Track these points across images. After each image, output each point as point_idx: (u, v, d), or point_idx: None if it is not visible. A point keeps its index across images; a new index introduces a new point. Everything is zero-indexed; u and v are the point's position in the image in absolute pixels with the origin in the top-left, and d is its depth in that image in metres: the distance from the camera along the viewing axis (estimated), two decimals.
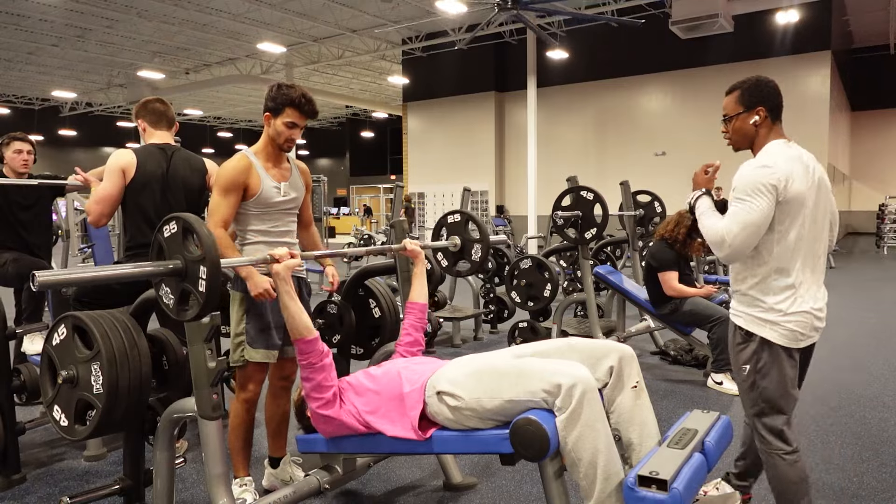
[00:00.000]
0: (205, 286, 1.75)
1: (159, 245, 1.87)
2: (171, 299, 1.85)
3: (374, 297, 3.11)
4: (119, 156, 2.88)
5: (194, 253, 1.78)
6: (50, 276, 1.61)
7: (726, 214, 2.03)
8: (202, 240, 1.76)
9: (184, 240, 1.81)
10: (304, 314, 2.12)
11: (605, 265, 5.17)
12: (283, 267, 2.09)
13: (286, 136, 2.42)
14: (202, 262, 1.75)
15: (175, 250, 1.82)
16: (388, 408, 2.05)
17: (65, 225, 5.60)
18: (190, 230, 1.80)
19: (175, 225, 1.83)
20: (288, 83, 2.45)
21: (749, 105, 2.08)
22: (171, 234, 1.84)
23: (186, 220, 1.80)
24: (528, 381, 1.83)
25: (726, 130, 2.15)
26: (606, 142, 16.55)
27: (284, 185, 2.48)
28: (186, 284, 1.80)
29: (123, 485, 2.26)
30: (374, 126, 32.47)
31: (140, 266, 1.82)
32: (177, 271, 1.80)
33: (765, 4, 13.19)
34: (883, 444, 3.19)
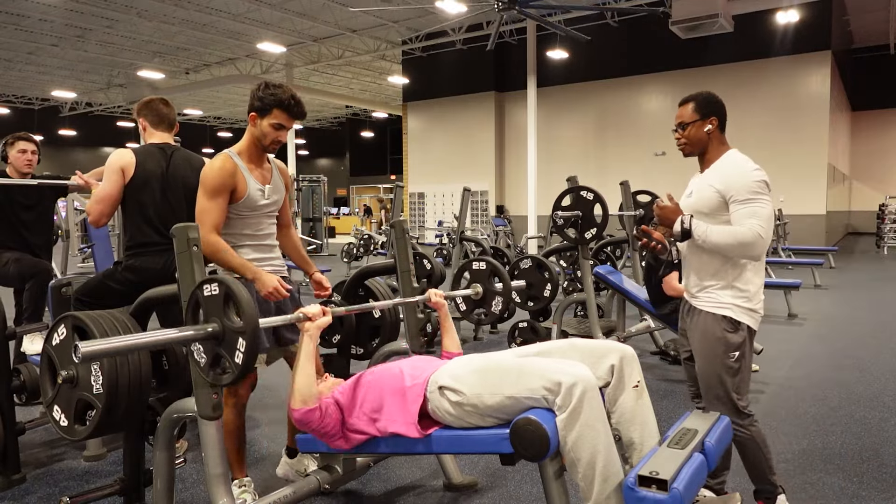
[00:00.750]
0: (242, 359, 1.73)
1: (196, 302, 1.85)
2: (202, 358, 1.84)
3: (374, 297, 3.11)
4: (118, 155, 2.88)
5: (235, 322, 1.76)
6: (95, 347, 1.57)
7: (741, 217, 2.15)
8: (244, 311, 1.73)
9: (224, 305, 1.78)
10: (314, 380, 2.07)
11: (605, 265, 5.17)
12: (314, 326, 2.06)
13: (272, 137, 2.37)
14: (242, 334, 1.73)
15: (213, 313, 1.80)
16: (390, 403, 2.05)
17: (65, 225, 5.60)
18: (232, 297, 1.77)
19: (217, 288, 1.80)
20: (276, 83, 2.38)
21: (704, 115, 2.28)
22: (211, 295, 1.81)
23: (230, 287, 1.77)
24: (530, 378, 1.83)
25: (680, 137, 2.33)
26: (606, 142, 16.55)
27: (268, 188, 2.44)
28: (222, 350, 1.79)
29: (123, 485, 2.26)
30: (374, 126, 32.47)
31: (182, 330, 1.78)
32: (214, 336, 1.79)
33: (765, 4, 13.19)
34: (883, 444, 3.19)
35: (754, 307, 2.26)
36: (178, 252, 2.03)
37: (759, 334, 5.57)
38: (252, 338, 1.73)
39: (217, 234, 2.31)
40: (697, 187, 2.33)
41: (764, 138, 14.36)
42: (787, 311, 6.76)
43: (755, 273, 2.26)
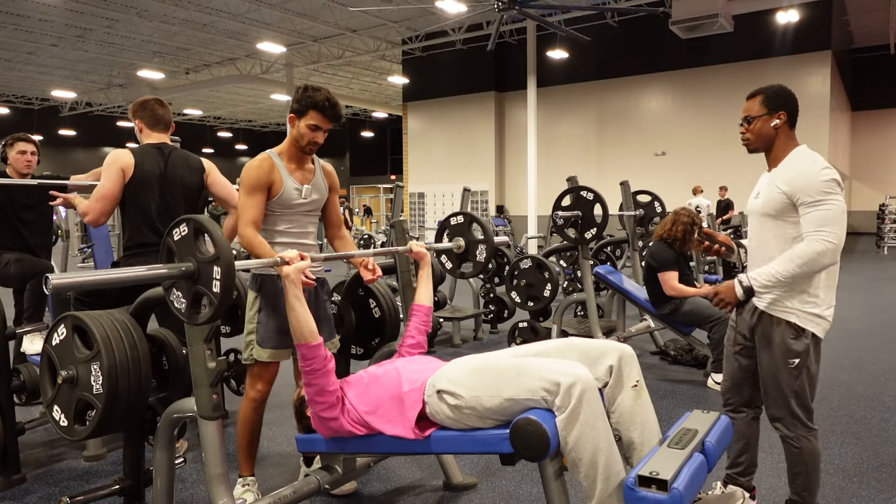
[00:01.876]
0: (219, 286, 1.72)
1: (168, 248, 1.85)
2: (182, 303, 1.83)
3: (374, 297, 3.11)
4: (117, 155, 2.88)
5: (206, 254, 1.76)
6: (63, 279, 1.59)
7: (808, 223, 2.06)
8: (215, 240, 1.74)
9: (195, 241, 1.79)
10: (310, 319, 2.10)
11: (605, 265, 5.17)
12: (293, 269, 2.08)
13: (309, 138, 2.43)
14: (216, 262, 1.73)
15: (186, 253, 1.80)
16: (387, 407, 2.05)
17: (65, 225, 5.60)
18: (201, 230, 1.78)
19: (186, 227, 1.81)
20: (315, 86, 2.43)
21: (772, 108, 2.16)
22: (181, 236, 1.82)
23: (198, 221, 1.78)
24: (528, 379, 1.83)
25: (746, 131, 2.22)
26: (606, 142, 16.55)
27: (306, 188, 2.49)
28: (199, 287, 1.78)
29: (123, 485, 2.26)
30: (374, 126, 32.47)
31: (153, 268, 1.79)
32: (189, 274, 1.78)
33: (765, 4, 13.20)
34: (883, 444, 3.19)
35: (822, 313, 2.17)
36: None
37: None
38: (227, 264, 1.72)
39: (254, 229, 2.37)
40: (765, 188, 2.22)
41: None
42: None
43: (829, 277, 2.15)
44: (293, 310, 2.08)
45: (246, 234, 2.35)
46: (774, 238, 2.17)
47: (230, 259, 1.74)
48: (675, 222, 4.40)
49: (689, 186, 12.96)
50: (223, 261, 1.72)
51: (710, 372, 4.23)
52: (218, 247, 1.73)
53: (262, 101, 25.98)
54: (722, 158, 14.76)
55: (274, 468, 3.00)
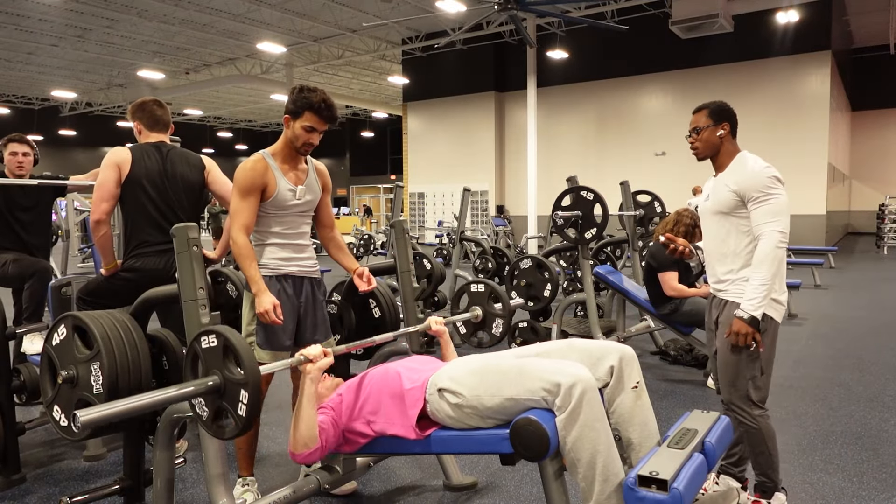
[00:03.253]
0: (245, 411, 1.70)
1: (195, 354, 1.82)
2: (204, 412, 1.81)
3: (374, 297, 3.11)
4: (114, 152, 2.90)
5: (235, 375, 1.73)
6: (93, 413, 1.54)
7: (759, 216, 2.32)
8: (244, 363, 1.71)
9: (224, 357, 1.76)
10: (315, 423, 2.03)
11: (605, 265, 5.17)
12: (315, 368, 2.02)
13: (304, 139, 2.40)
14: (244, 386, 1.70)
15: (213, 365, 1.78)
16: (388, 406, 2.05)
17: (65, 225, 5.60)
18: (230, 348, 1.74)
19: (215, 340, 1.77)
20: (311, 87, 2.41)
21: (717, 121, 2.47)
22: (209, 346, 1.79)
23: (227, 338, 1.74)
24: (529, 379, 1.83)
25: (694, 141, 2.50)
26: (606, 142, 16.55)
27: (300, 189, 2.46)
28: (224, 403, 1.76)
29: (123, 485, 2.26)
30: (374, 126, 32.48)
31: (183, 387, 1.74)
32: (215, 389, 1.75)
33: (765, 4, 13.19)
34: (883, 444, 3.19)
35: (779, 298, 2.33)
36: (178, 252, 2.03)
37: None
38: (255, 391, 1.70)
39: (246, 235, 2.34)
40: (713, 189, 2.49)
41: (764, 138, 14.35)
42: (787, 311, 6.76)
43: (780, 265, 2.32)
44: (303, 410, 2.01)
45: (239, 241, 2.31)
46: (728, 232, 2.41)
47: (258, 383, 1.70)
48: (678, 223, 4.40)
49: (689, 186, 12.96)
50: (251, 387, 1.69)
51: (710, 372, 4.23)
52: (247, 371, 1.70)
53: (262, 101, 25.99)
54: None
55: (274, 468, 3.00)
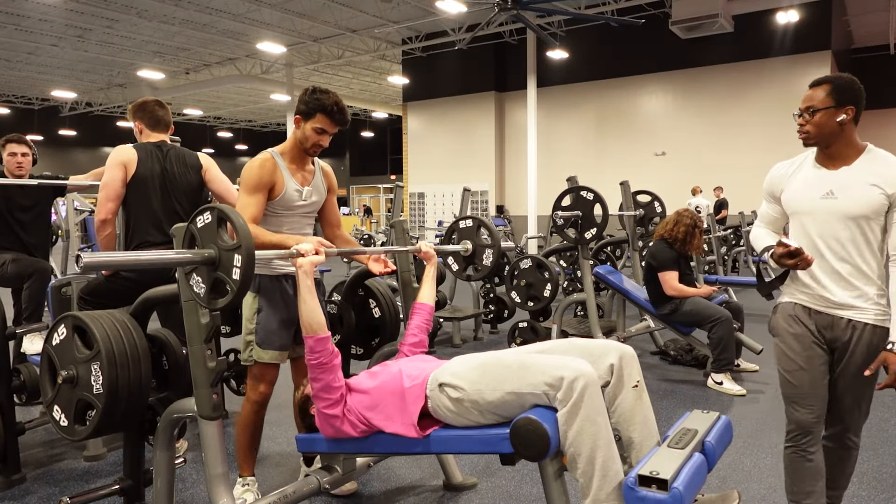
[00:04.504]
0: (239, 274, 1.76)
1: (192, 235, 1.88)
2: (202, 288, 1.85)
3: (374, 297, 3.11)
4: (120, 151, 2.90)
5: (228, 242, 1.80)
6: (95, 258, 1.64)
7: None
8: (237, 228, 1.77)
9: (217, 229, 1.82)
10: (319, 311, 2.11)
11: (605, 265, 5.17)
12: (307, 261, 2.10)
13: (314, 141, 2.40)
14: (237, 250, 1.76)
15: (209, 240, 1.83)
16: (388, 403, 2.05)
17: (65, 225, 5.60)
18: (224, 219, 1.81)
19: (209, 215, 1.84)
20: (323, 88, 2.41)
21: (839, 102, 1.97)
22: (204, 224, 1.85)
23: (221, 210, 1.82)
24: (531, 374, 1.83)
25: (805, 123, 2.03)
26: (606, 142, 16.55)
27: (307, 190, 2.47)
28: (220, 273, 1.80)
29: (123, 485, 2.26)
30: (374, 126, 32.48)
31: (179, 253, 1.84)
32: (210, 260, 1.81)
33: (765, 4, 13.20)
34: (883, 444, 3.19)
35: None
36: None
37: (759, 334, 5.58)
38: (248, 253, 1.75)
39: (254, 224, 2.33)
40: (843, 186, 1.99)
41: (764, 138, 14.36)
42: None
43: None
44: (304, 301, 2.09)
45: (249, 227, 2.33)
46: (868, 240, 1.98)
47: (251, 248, 1.77)
48: (678, 223, 4.40)
49: (689, 186, 12.97)
50: (244, 249, 1.75)
51: (711, 372, 4.23)
52: (240, 235, 1.76)
53: (262, 101, 25.99)
54: (722, 158, 14.78)
55: (274, 468, 3.00)
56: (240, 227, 1.77)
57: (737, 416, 3.62)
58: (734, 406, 3.83)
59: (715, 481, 2.74)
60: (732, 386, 4.10)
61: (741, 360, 4.56)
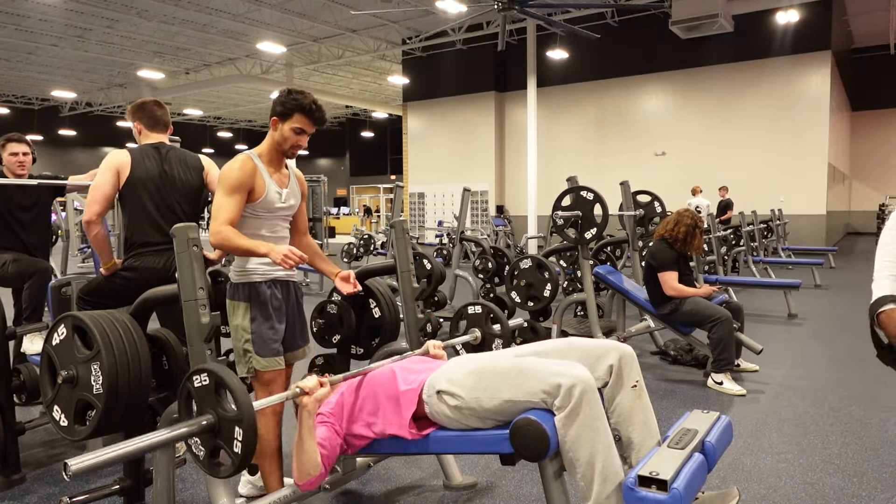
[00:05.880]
0: (241, 448, 1.69)
1: (188, 394, 1.81)
2: (201, 451, 1.80)
3: (374, 297, 3.11)
4: (114, 155, 2.90)
5: (229, 411, 1.73)
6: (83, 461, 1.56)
7: None
8: (237, 398, 1.70)
9: (216, 394, 1.76)
10: (316, 453, 1.99)
11: (605, 265, 5.17)
12: (312, 400, 1.97)
13: (293, 141, 2.35)
14: (238, 423, 1.70)
15: (207, 404, 1.77)
16: (384, 406, 2.06)
17: (65, 225, 5.61)
18: (223, 385, 1.74)
19: (206, 378, 1.77)
20: (298, 89, 2.38)
21: None
22: (201, 385, 1.78)
23: (219, 376, 1.74)
24: (528, 381, 1.83)
25: None
26: (606, 142, 16.55)
27: (286, 192, 2.42)
28: (219, 441, 1.75)
29: (123, 485, 2.26)
30: (374, 126, 32.48)
31: (175, 429, 1.75)
32: (209, 429, 1.75)
33: (765, 4, 13.20)
34: (883, 444, 3.19)
35: None
36: (178, 252, 2.02)
37: (759, 334, 5.56)
38: (249, 427, 1.69)
39: (230, 226, 2.25)
40: None
41: (764, 138, 14.36)
42: (787, 311, 6.76)
43: None
44: (303, 442, 1.96)
45: (221, 230, 2.20)
46: None
47: (253, 420, 1.70)
48: (678, 223, 4.40)
49: (689, 186, 12.96)
50: (246, 423, 1.68)
51: (711, 372, 4.23)
52: (241, 407, 1.69)
53: (262, 101, 25.98)
54: (722, 159, 14.78)
55: None
56: (239, 396, 1.70)
57: (737, 416, 3.62)
58: (734, 406, 3.83)
59: (715, 481, 2.74)
60: (732, 386, 4.10)
61: (741, 360, 4.55)
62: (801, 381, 4.35)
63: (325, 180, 17.91)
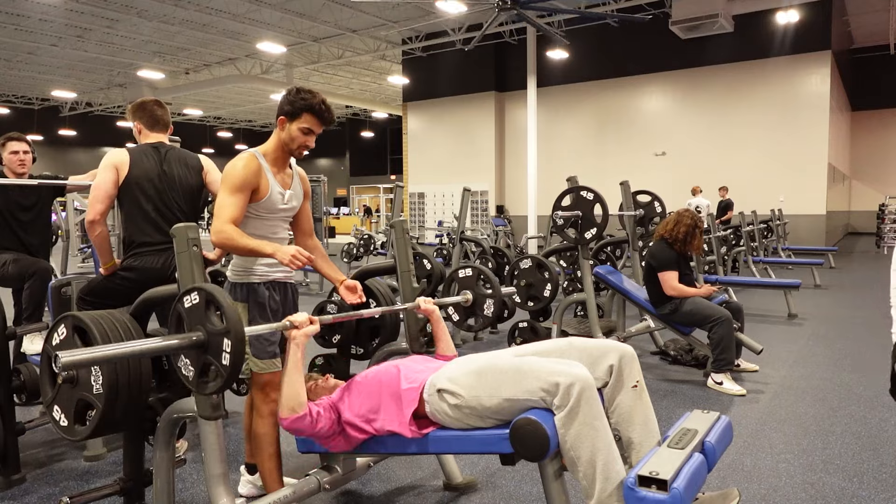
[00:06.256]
0: (229, 360, 1.71)
1: (179, 315, 1.84)
2: (190, 371, 1.81)
3: (374, 297, 3.11)
4: (112, 154, 2.90)
5: (217, 325, 1.75)
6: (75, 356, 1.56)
7: None
8: (225, 312, 1.73)
9: (206, 311, 1.78)
10: (302, 388, 2.03)
11: (605, 265, 5.17)
12: (301, 334, 2.01)
13: (301, 141, 2.33)
14: (226, 335, 1.72)
15: (196, 321, 1.79)
16: (387, 404, 2.06)
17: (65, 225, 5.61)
18: (212, 302, 1.76)
19: (196, 296, 1.79)
20: (306, 88, 2.35)
21: None
22: (191, 304, 1.81)
23: (209, 292, 1.77)
24: (527, 380, 1.83)
25: None
26: (606, 142, 16.55)
27: (288, 193, 2.40)
28: (209, 357, 1.77)
29: (123, 485, 2.26)
30: (374, 126, 32.48)
31: (166, 339, 1.77)
32: (199, 344, 1.77)
33: (765, 4, 13.20)
34: (883, 444, 3.19)
35: None
36: (178, 252, 2.02)
37: (759, 334, 5.57)
38: (237, 339, 1.70)
39: (233, 226, 2.23)
40: None
41: (764, 138, 14.36)
42: (787, 311, 6.76)
43: None
44: (290, 375, 2.01)
45: (226, 230, 2.17)
46: None
47: (240, 332, 1.72)
48: (678, 223, 4.40)
49: (689, 186, 12.97)
50: (234, 335, 1.70)
51: (711, 372, 4.23)
52: (228, 320, 1.72)
53: (262, 101, 25.99)
54: (722, 159, 14.78)
55: None
56: (227, 310, 1.73)
57: (737, 416, 3.63)
58: (734, 406, 3.83)
59: (715, 481, 2.74)
60: (732, 386, 4.10)
61: (741, 360, 4.55)
62: (801, 381, 4.35)
63: (325, 180, 17.92)
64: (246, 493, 2.58)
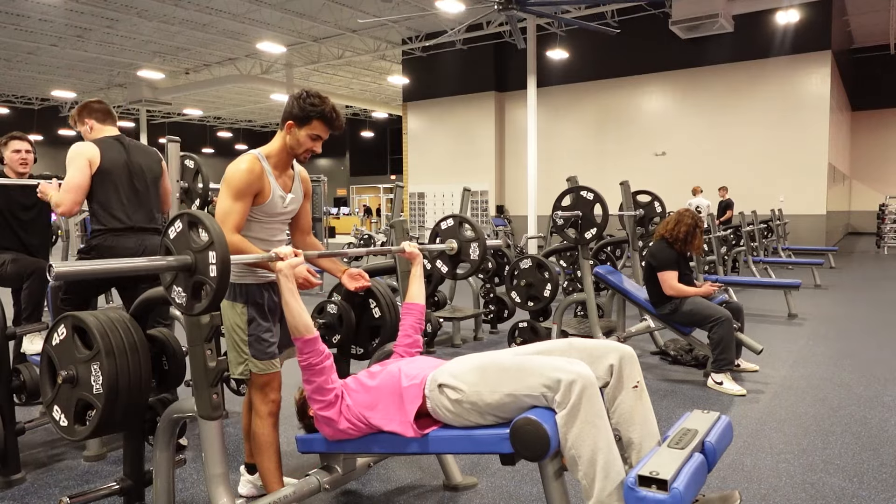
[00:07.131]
0: (216, 270, 1.74)
1: (166, 247, 1.85)
2: (183, 297, 1.82)
3: (374, 297, 3.11)
4: (81, 147, 3.00)
5: (201, 242, 1.78)
6: (67, 267, 1.63)
7: None
8: (208, 227, 1.76)
9: (189, 232, 1.81)
10: (305, 313, 2.10)
11: (605, 265, 5.17)
12: (286, 265, 2.08)
13: (307, 147, 2.31)
14: (211, 247, 1.75)
15: (183, 247, 1.81)
16: (387, 403, 2.06)
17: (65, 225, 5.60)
18: (195, 222, 1.80)
19: (180, 222, 1.82)
20: (315, 92, 2.32)
21: None
22: (177, 233, 1.83)
23: (191, 213, 1.81)
24: (529, 376, 1.83)
25: None
26: (606, 142, 16.55)
27: (289, 197, 2.40)
28: (198, 276, 1.78)
29: (123, 485, 2.26)
30: (374, 126, 32.47)
31: (153, 260, 1.81)
32: (187, 265, 1.79)
33: (765, 4, 13.20)
34: (883, 444, 3.19)
35: None
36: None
37: (759, 334, 5.57)
38: (221, 248, 1.73)
39: (240, 236, 2.25)
40: None
41: (764, 138, 14.35)
42: (787, 311, 6.76)
43: None
44: (288, 304, 2.09)
45: (233, 241, 2.16)
46: None
47: (224, 242, 1.75)
48: (679, 223, 4.40)
49: (689, 186, 12.97)
50: (217, 245, 1.74)
51: (711, 372, 4.23)
52: (211, 233, 1.75)
53: (262, 101, 25.98)
54: (722, 159, 14.77)
55: None
56: (209, 225, 1.76)
57: (737, 416, 3.63)
58: (734, 406, 3.83)
59: (715, 481, 2.74)
60: (732, 386, 4.10)
61: (741, 360, 4.55)
62: (801, 381, 4.35)
63: (325, 180, 17.90)
64: (246, 493, 2.58)
